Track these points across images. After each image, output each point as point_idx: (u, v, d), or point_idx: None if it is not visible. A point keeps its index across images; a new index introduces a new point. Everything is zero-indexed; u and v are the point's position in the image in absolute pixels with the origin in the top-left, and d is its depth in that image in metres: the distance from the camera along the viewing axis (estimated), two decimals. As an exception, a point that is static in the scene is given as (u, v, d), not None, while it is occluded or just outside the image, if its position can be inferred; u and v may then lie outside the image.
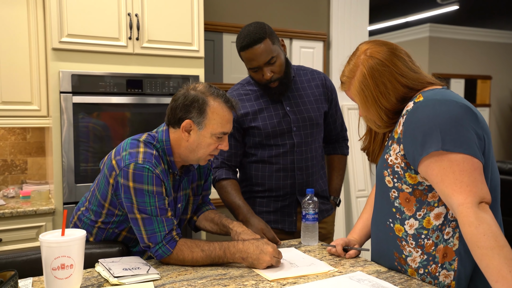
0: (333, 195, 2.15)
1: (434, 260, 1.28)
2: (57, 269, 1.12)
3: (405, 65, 1.31)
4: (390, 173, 1.32)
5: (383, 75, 1.30)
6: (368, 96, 1.32)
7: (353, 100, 1.41)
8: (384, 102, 1.31)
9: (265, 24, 1.86)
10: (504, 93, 7.95)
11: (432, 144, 1.17)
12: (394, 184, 1.32)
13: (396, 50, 1.33)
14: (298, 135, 1.95)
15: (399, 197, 1.32)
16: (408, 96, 1.31)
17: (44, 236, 1.14)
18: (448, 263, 1.26)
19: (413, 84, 1.31)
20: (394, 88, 1.30)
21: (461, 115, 1.17)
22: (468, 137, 1.16)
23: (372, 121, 1.37)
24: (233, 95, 1.99)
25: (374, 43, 1.36)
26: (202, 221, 1.78)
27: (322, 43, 3.82)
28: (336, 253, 1.58)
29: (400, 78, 1.30)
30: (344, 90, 1.41)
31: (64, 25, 2.50)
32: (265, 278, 1.36)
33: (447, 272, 1.26)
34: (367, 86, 1.31)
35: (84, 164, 2.57)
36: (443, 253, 1.26)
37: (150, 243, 1.48)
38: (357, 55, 1.35)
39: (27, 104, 2.73)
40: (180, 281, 1.35)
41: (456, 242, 1.25)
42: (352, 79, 1.35)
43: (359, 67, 1.33)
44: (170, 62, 2.79)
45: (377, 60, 1.30)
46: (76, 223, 1.67)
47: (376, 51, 1.32)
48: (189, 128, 1.51)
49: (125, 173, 1.45)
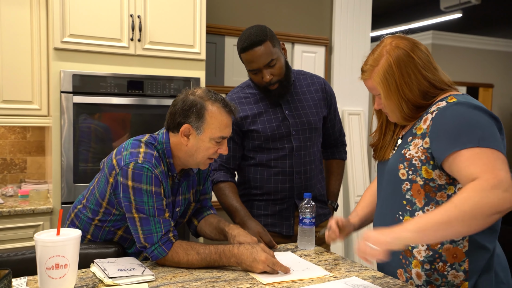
0: (331, 200, 2.15)
1: (441, 258, 1.30)
2: (51, 269, 1.12)
3: (427, 59, 1.36)
4: (406, 166, 1.34)
5: (408, 66, 1.33)
6: (391, 84, 1.34)
7: (370, 90, 1.43)
8: (407, 92, 1.34)
9: (266, 27, 1.86)
10: (506, 101, 7.95)
11: (471, 139, 1.19)
12: (409, 176, 1.34)
13: (418, 44, 1.38)
14: (297, 139, 1.95)
15: (411, 188, 1.34)
16: (429, 93, 1.35)
17: (39, 235, 1.14)
18: (458, 264, 1.28)
19: (434, 79, 1.35)
20: (417, 80, 1.33)
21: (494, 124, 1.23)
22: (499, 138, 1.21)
23: (392, 111, 1.39)
24: (233, 98, 1.99)
25: (399, 36, 1.41)
26: (203, 226, 1.76)
27: (324, 48, 3.82)
28: (333, 234, 1.56)
29: (423, 71, 1.34)
30: (365, 78, 1.42)
31: (66, 25, 2.50)
32: (260, 281, 1.36)
33: (457, 273, 1.28)
34: (392, 75, 1.34)
35: (83, 164, 2.57)
36: (452, 253, 1.28)
37: (146, 243, 1.48)
38: (382, 46, 1.39)
39: (28, 103, 2.73)
40: (175, 283, 1.34)
41: (466, 244, 1.28)
42: (375, 67, 1.37)
43: (384, 56, 1.36)
44: (172, 64, 2.80)
45: (403, 51, 1.34)
46: (73, 220, 1.67)
47: (402, 42, 1.36)
48: (188, 133, 1.52)
49: (124, 172, 1.46)
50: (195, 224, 1.78)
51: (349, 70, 3.90)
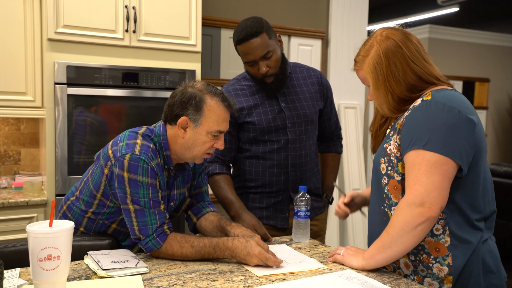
0: (326, 193, 2.15)
1: (425, 250, 1.31)
2: (44, 260, 1.11)
3: (417, 52, 1.35)
4: (386, 161, 1.36)
5: (396, 56, 1.33)
6: (379, 74, 1.35)
7: (362, 82, 1.44)
8: (393, 83, 1.34)
9: (262, 19, 1.85)
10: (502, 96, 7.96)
11: (419, 141, 1.24)
12: (387, 171, 1.36)
13: (410, 35, 1.38)
14: (293, 131, 1.94)
15: (388, 183, 1.36)
16: (417, 87, 1.34)
17: (31, 227, 1.13)
18: (441, 258, 1.29)
19: (422, 73, 1.34)
20: (404, 71, 1.33)
21: (459, 124, 1.23)
22: (454, 142, 1.22)
23: (380, 102, 1.40)
24: (229, 90, 1.98)
25: (390, 27, 1.41)
26: (202, 223, 1.73)
27: (320, 41, 3.81)
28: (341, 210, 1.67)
29: (411, 63, 1.33)
30: (357, 69, 1.44)
31: (60, 15, 2.48)
32: (254, 274, 1.36)
33: (441, 267, 1.29)
34: (380, 64, 1.34)
35: (78, 156, 2.56)
36: (434, 247, 1.29)
37: (141, 235, 1.47)
38: (373, 37, 1.39)
39: (22, 94, 2.71)
40: (169, 275, 1.34)
41: (448, 239, 1.28)
42: (366, 57, 1.38)
43: (374, 46, 1.36)
44: (167, 56, 2.78)
45: (392, 41, 1.35)
46: (65, 212, 1.65)
47: (392, 33, 1.37)
48: (185, 125, 1.51)
49: (120, 163, 1.45)
50: (194, 222, 1.76)
51: (345, 64, 3.89)
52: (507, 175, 4.26)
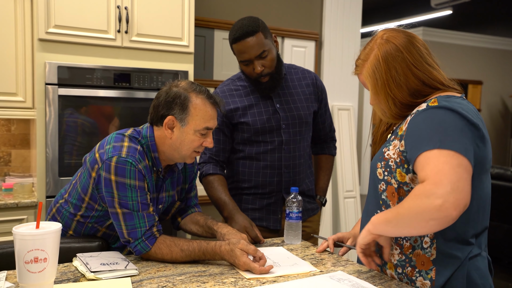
0: (319, 195, 2.14)
1: (411, 263, 1.27)
2: (30, 263, 1.09)
3: (420, 56, 1.29)
4: (383, 165, 1.31)
5: (396, 61, 1.27)
6: (378, 79, 1.30)
7: (364, 86, 1.39)
8: (394, 89, 1.28)
9: (258, 18, 1.85)
10: (495, 98, 8.01)
11: (432, 141, 1.14)
12: (384, 177, 1.31)
13: (414, 39, 1.31)
14: (287, 132, 1.94)
15: (386, 190, 1.31)
16: (420, 92, 1.28)
17: (17, 229, 1.11)
18: (425, 272, 1.25)
19: (425, 77, 1.27)
20: (406, 76, 1.27)
21: (467, 129, 1.16)
22: (465, 142, 1.14)
23: (380, 108, 1.35)
24: (224, 90, 1.97)
25: (393, 29, 1.35)
26: (188, 223, 1.73)
27: (314, 42, 3.80)
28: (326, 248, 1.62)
29: (413, 68, 1.27)
30: (357, 73, 1.39)
31: (51, 15, 2.46)
32: (243, 276, 1.34)
33: (424, 281, 1.25)
34: (379, 69, 1.29)
35: (69, 157, 2.53)
36: (421, 260, 1.25)
37: (130, 238, 1.46)
38: (374, 40, 1.34)
39: (12, 95, 2.68)
40: (159, 277, 1.32)
41: (434, 252, 1.24)
42: (366, 62, 1.33)
43: (374, 50, 1.31)
44: (159, 57, 2.76)
45: (392, 45, 1.29)
46: (54, 215, 1.63)
47: (393, 36, 1.30)
48: (172, 125, 1.50)
49: (107, 166, 1.43)
50: (178, 221, 1.76)
51: (339, 65, 3.89)
52: (499, 177, 4.29)
